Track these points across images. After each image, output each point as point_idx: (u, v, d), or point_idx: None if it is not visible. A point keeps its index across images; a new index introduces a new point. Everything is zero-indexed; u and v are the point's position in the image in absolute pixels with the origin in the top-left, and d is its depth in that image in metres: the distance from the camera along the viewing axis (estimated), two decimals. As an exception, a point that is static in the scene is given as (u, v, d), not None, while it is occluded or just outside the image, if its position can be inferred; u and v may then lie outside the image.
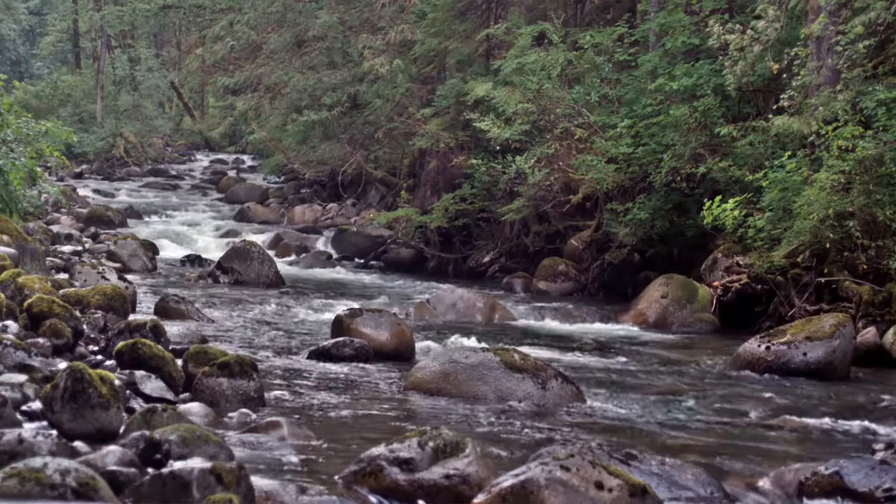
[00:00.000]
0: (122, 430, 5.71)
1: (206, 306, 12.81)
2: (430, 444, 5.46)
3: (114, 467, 4.78)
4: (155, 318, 9.76)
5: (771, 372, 10.18)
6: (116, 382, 6.07)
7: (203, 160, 42.22)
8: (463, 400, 8.18)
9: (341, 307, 12.36)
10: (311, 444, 6.28)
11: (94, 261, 14.65)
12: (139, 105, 40.62)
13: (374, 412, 7.63)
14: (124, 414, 5.95)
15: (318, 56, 26.41)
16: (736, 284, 13.97)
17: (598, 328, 13.86)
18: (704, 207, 14.14)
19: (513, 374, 8.33)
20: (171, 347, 8.40)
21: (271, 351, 10.16)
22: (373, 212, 24.20)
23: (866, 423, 8.06)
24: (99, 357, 8.04)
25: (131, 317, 9.83)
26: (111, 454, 4.92)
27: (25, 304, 8.53)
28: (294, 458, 5.92)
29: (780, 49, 14.13)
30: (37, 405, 5.96)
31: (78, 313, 8.88)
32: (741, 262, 14.11)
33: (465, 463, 5.39)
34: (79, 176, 34.36)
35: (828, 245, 12.55)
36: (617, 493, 5.01)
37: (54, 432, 5.48)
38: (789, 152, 13.48)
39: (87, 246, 18.57)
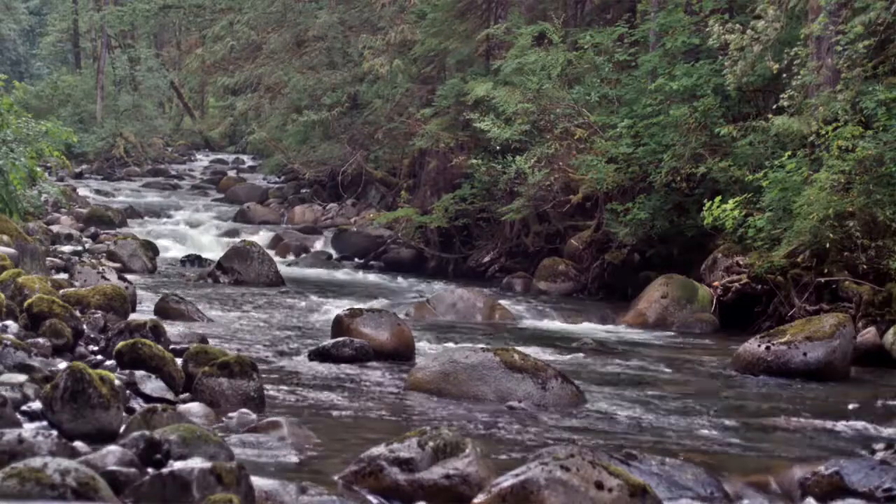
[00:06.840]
0: (122, 430, 5.72)
1: (206, 306, 12.80)
2: (430, 444, 5.46)
3: (114, 467, 4.79)
4: (155, 318, 9.76)
5: (771, 372, 10.17)
6: (116, 382, 6.07)
7: (203, 160, 42.21)
8: (463, 400, 8.18)
9: (341, 307, 12.35)
10: (311, 444, 6.28)
11: (94, 261, 14.63)
12: (139, 105, 40.57)
13: (374, 412, 7.63)
14: (124, 414, 5.95)
15: (318, 56, 26.43)
16: (736, 284, 13.97)
17: (598, 328, 13.85)
18: (704, 207, 14.13)
19: (513, 374, 8.33)
20: (171, 347, 8.40)
21: (271, 351, 10.16)
22: (373, 212, 24.17)
23: (866, 423, 8.06)
24: (99, 357, 8.04)
25: (131, 317, 9.82)
26: (111, 454, 4.93)
27: (25, 304, 8.53)
28: (294, 458, 5.92)
29: (780, 49, 14.13)
30: (37, 405, 5.96)
31: (78, 313, 8.88)
32: (741, 262, 14.10)
33: (465, 463, 5.39)
34: (79, 176, 34.32)
35: (828, 245, 12.54)
36: (617, 493, 5.01)
37: (54, 432, 5.48)
38: (789, 152, 13.48)
39: (87, 246, 18.56)
